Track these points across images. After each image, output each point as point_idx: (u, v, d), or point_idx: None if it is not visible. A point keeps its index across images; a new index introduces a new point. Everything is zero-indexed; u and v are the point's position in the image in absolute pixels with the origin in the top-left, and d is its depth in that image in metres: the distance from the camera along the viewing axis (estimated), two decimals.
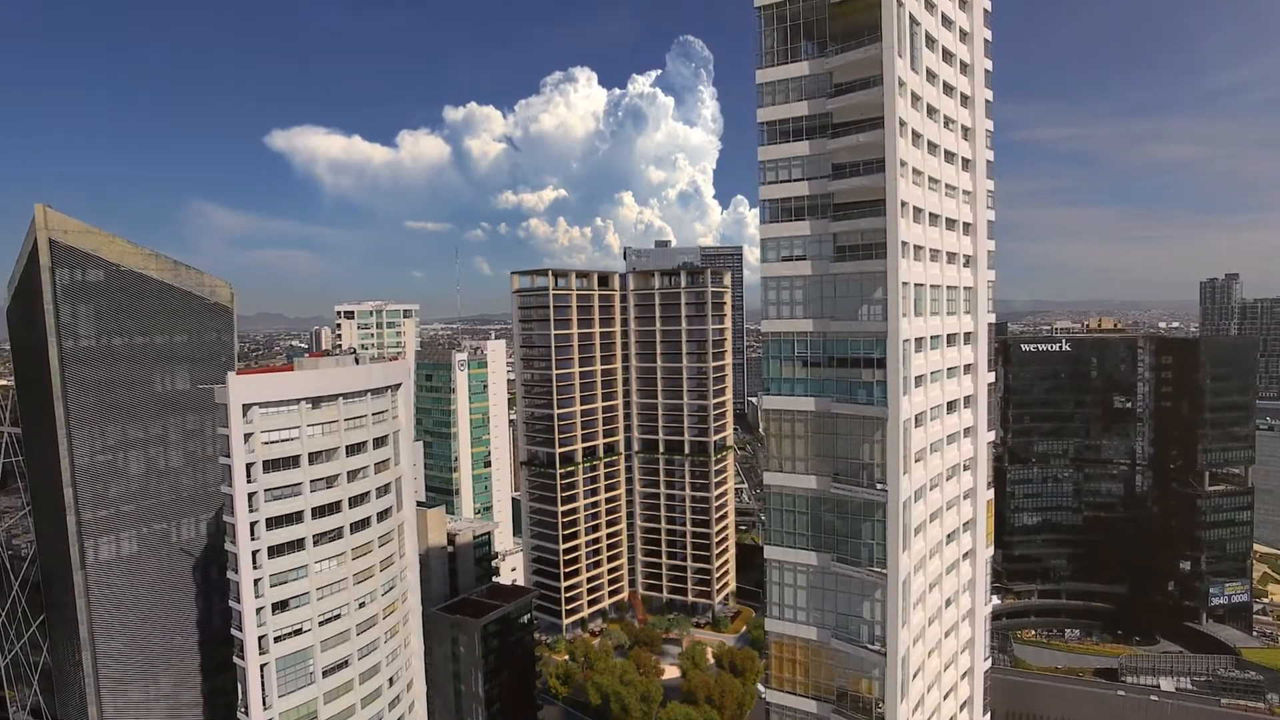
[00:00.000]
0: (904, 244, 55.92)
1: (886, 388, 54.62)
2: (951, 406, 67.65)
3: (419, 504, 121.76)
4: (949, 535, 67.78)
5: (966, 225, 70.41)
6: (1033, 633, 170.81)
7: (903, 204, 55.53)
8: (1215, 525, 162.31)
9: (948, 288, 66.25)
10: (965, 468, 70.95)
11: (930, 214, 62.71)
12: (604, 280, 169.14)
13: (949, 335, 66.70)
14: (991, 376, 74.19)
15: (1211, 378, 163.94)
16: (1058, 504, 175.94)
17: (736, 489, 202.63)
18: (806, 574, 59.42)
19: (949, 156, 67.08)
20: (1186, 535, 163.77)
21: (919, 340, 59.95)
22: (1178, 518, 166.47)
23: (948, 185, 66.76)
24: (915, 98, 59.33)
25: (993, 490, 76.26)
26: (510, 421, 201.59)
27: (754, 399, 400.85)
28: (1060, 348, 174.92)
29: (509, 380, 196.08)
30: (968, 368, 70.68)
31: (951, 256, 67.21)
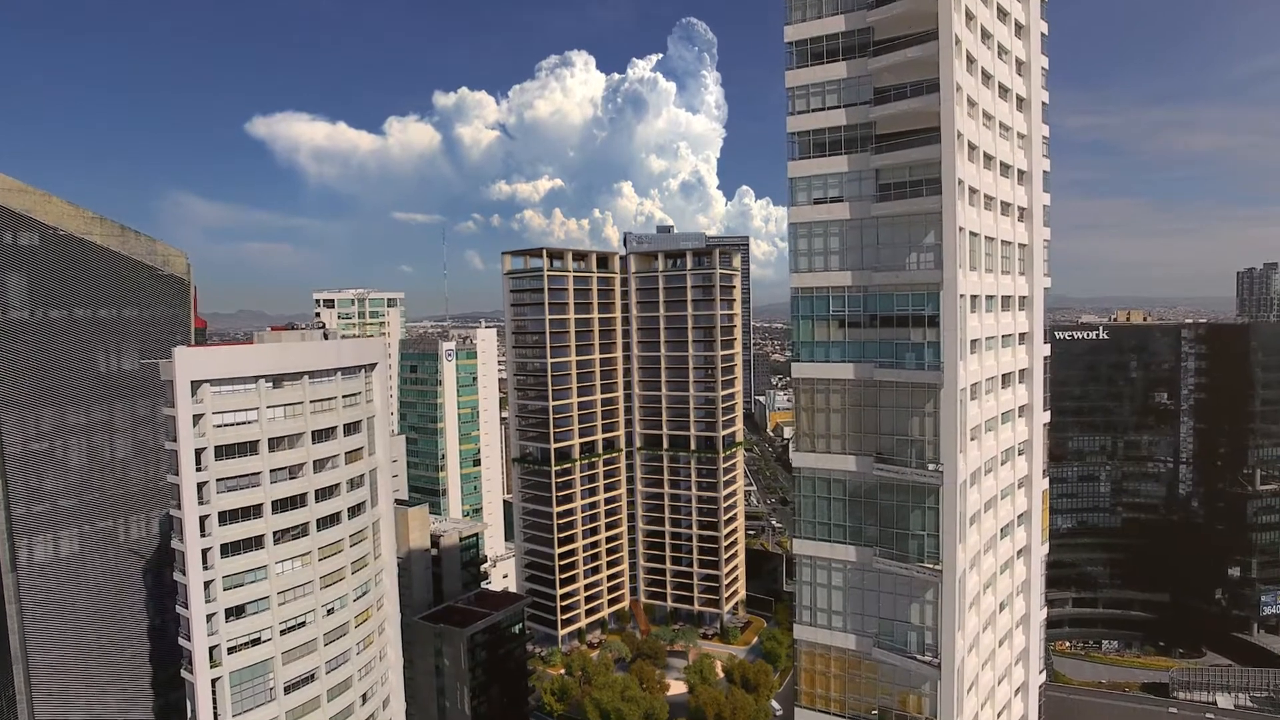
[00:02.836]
0: (959, 182, 49.45)
1: (940, 349, 48.11)
2: (1006, 380, 61.18)
3: (399, 502, 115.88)
4: (1003, 529, 61.25)
5: (1021, 173, 64.00)
6: (1067, 644, 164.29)
7: (959, 135, 49.11)
8: (1267, 528, 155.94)
9: (1002, 242, 59.84)
10: (1020, 452, 64.45)
11: (985, 154, 56.28)
12: (603, 261, 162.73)
13: (1004, 297, 60.28)
14: (1048, 348, 67.80)
15: (1262, 367, 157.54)
16: (1094, 505, 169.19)
17: (745, 491, 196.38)
18: (843, 572, 52.90)
19: (1003, 91, 60.75)
20: (1235, 538, 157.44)
21: (973, 299, 53.49)
22: (1225, 520, 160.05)
23: (1002, 124, 60.40)
24: (969, 15, 52.89)
25: (1047, 480, 69.74)
26: (502, 419, 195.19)
27: (761, 398, 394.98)
28: (1097, 336, 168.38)
29: (501, 379, 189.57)
30: (1022, 336, 64.21)
31: (1005, 207, 60.88)
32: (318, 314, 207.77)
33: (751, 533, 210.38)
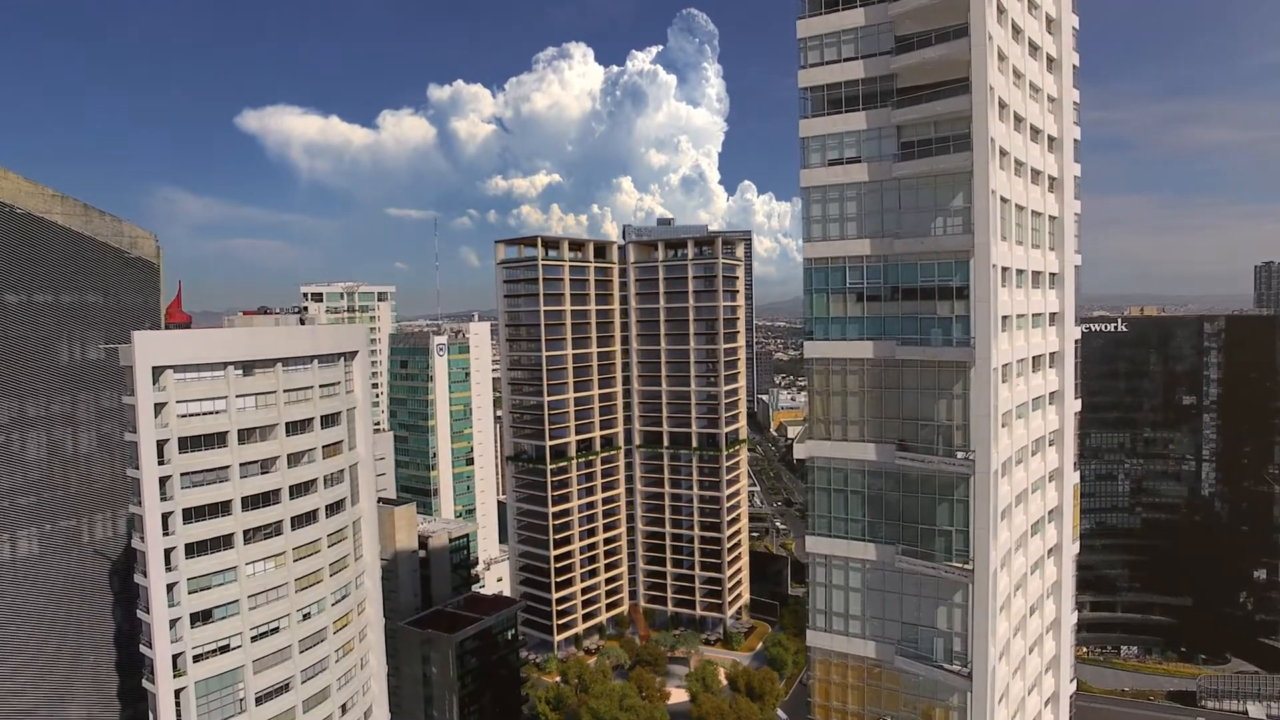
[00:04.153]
0: (991, 141, 45.34)
1: (970, 324, 43.96)
2: (1036, 363, 57.12)
3: (386, 501, 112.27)
4: (1034, 525, 57.13)
5: (1051, 139, 59.93)
6: (1085, 650, 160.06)
7: (990, 88, 45.00)
8: None
9: (1032, 212, 55.76)
10: (1050, 442, 60.35)
11: (1015, 114, 52.17)
12: (601, 251, 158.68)
13: (1034, 273, 56.19)
14: (1079, 331, 63.80)
15: None
16: (1112, 505, 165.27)
17: (748, 492, 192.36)
18: (861, 572, 48.79)
19: (1033, 49, 56.68)
20: (1261, 539, 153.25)
21: (1003, 271, 49.36)
22: (1250, 520, 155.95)
23: (1032, 85, 56.29)
24: None
25: (1078, 473, 65.74)
26: (497, 417, 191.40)
27: (764, 396, 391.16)
28: (1115, 329, 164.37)
29: (495, 376, 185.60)
30: (1053, 317, 60.13)
31: (1036, 175, 56.80)
32: (305, 307, 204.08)
33: (755, 534, 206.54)
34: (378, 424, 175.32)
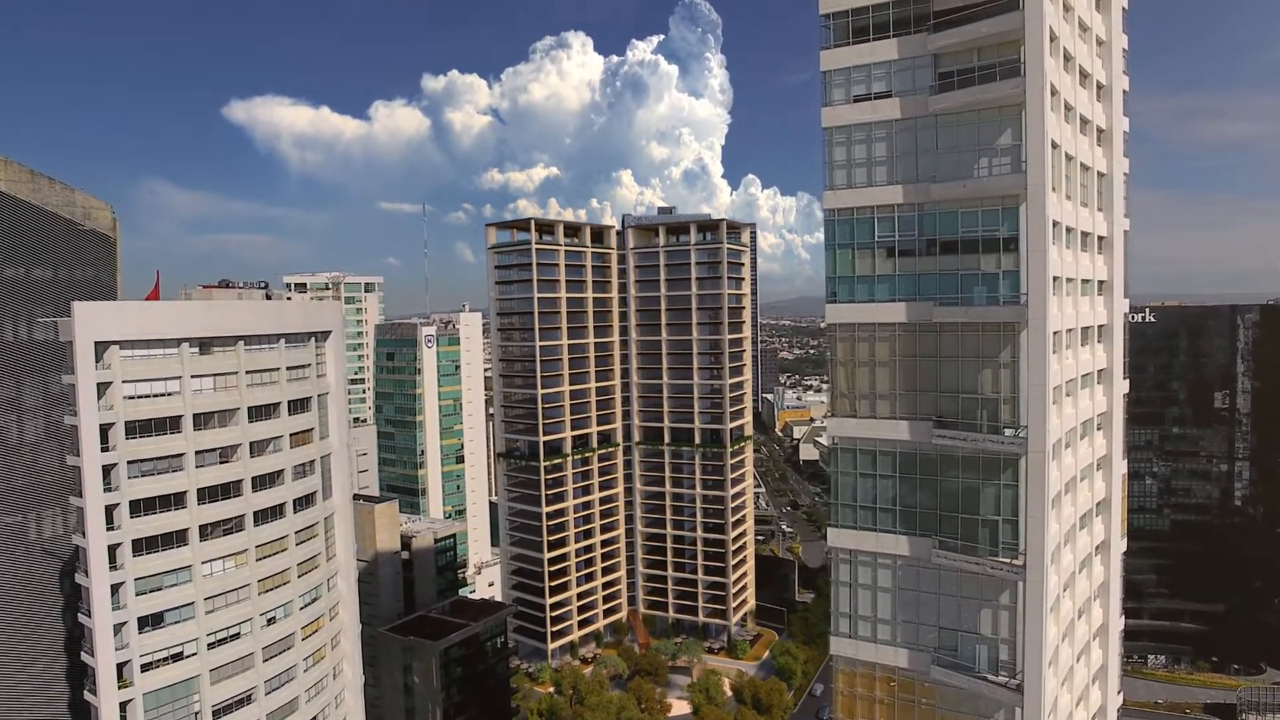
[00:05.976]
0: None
1: (1021, 279, 38.85)
2: (1085, 336, 52.02)
3: (368, 498, 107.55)
4: (1082, 518, 51.98)
5: (1100, 86, 54.81)
6: None
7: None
8: None
9: (1081, 165, 50.60)
10: (1098, 426, 55.20)
11: (1064, 51, 46.97)
12: (598, 236, 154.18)
13: (1082, 233, 51.04)
14: (1127, 304, 58.74)
15: None
16: (1139, 506, 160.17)
17: (753, 493, 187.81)
18: (892, 569, 43.69)
19: None
20: None
21: (1054, 225, 44.20)
22: None
23: (1080, 21, 51.10)
24: None
25: (1126, 462, 60.63)
26: (489, 415, 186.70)
27: (769, 395, 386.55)
28: (1143, 319, 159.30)
29: (486, 376, 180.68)
30: (1101, 285, 55.00)
31: (1084, 124, 51.61)
32: (287, 298, 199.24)
33: (761, 538, 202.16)
34: (362, 418, 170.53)
